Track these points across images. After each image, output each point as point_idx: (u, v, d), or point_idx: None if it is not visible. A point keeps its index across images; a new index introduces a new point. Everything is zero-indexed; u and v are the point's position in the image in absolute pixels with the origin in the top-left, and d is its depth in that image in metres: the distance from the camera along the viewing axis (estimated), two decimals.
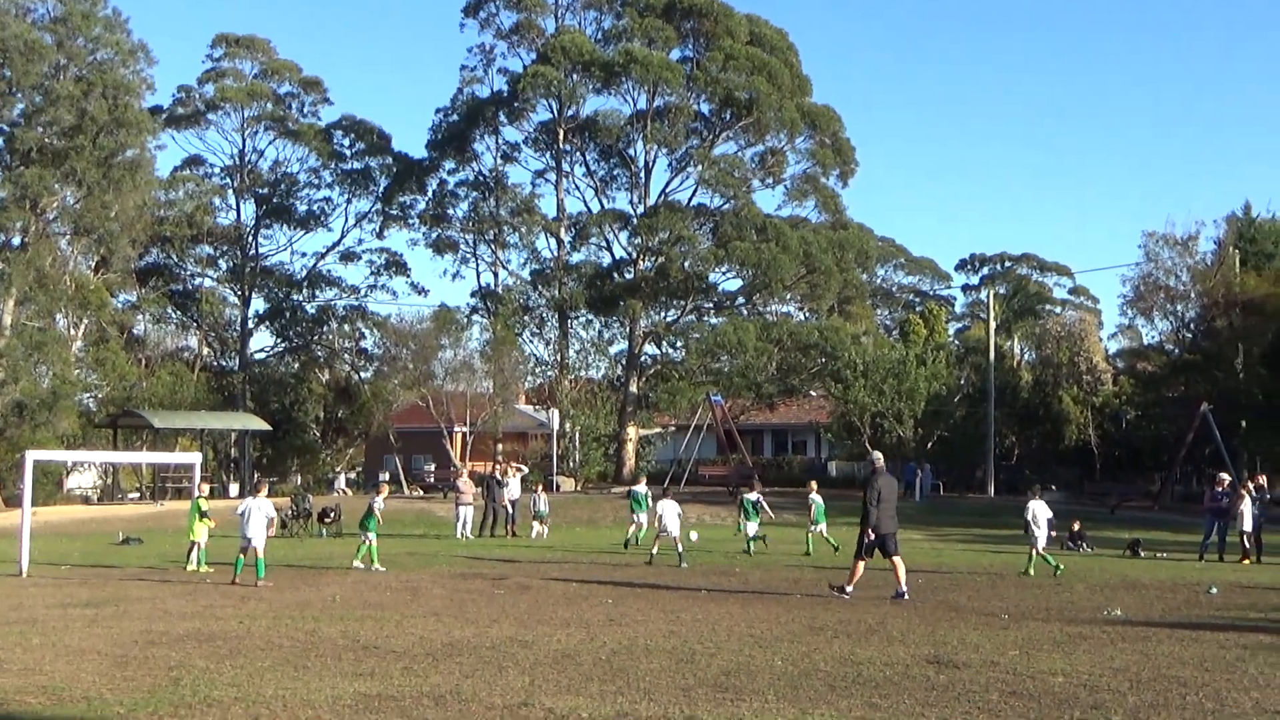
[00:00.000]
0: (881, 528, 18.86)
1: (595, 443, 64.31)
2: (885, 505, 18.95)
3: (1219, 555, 28.21)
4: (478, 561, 25.83)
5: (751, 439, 70.85)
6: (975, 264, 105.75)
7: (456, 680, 11.29)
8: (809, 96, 66.59)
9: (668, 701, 10.20)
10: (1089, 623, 15.61)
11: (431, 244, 70.03)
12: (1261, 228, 60.37)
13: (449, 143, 68.02)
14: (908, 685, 11.02)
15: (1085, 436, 63.07)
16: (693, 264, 63.57)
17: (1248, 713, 9.80)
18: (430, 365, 63.07)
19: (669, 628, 15.00)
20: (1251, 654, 13.00)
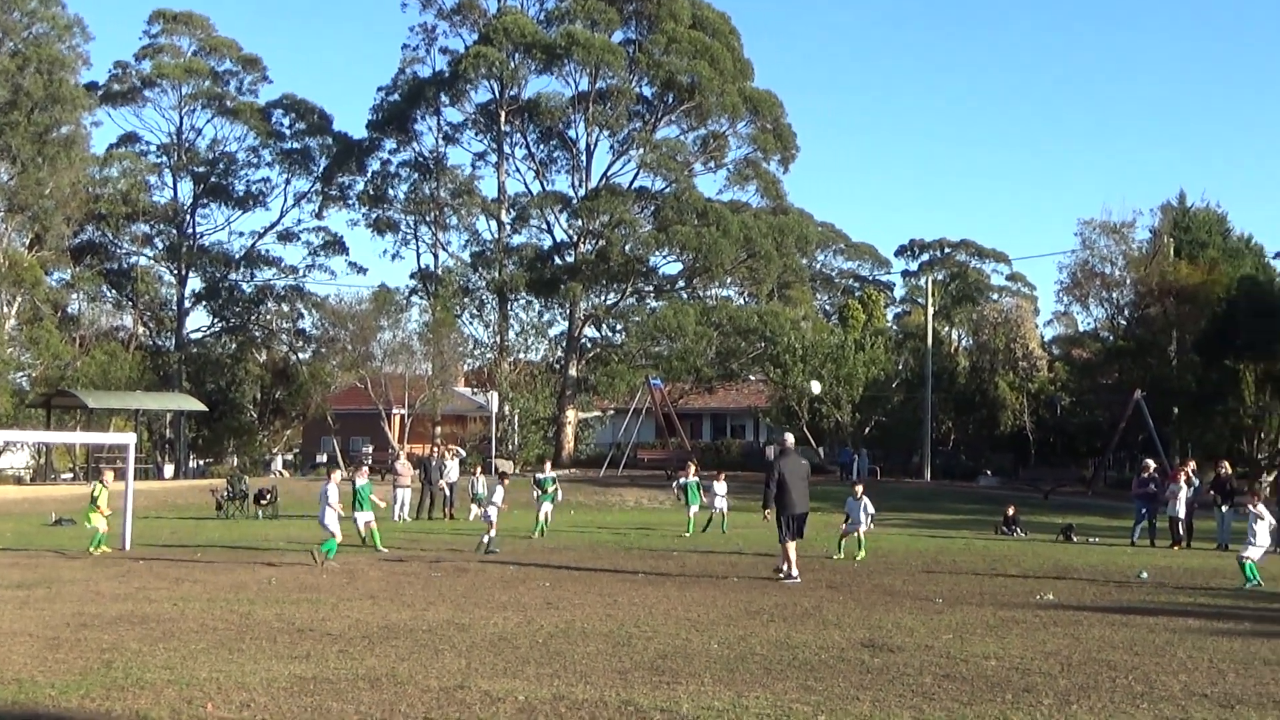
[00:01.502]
0: (791, 508, 18.92)
1: (534, 426, 64.24)
2: (792, 486, 18.96)
3: (1150, 541, 28.56)
4: (415, 544, 25.72)
5: (690, 423, 70.99)
6: (914, 250, 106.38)
7: (392, 663, 11.25)
8: (751, 81, 66.69)
9: (604, 685, 10.21)
10: (1022, 607, 15.75)
11: (371, 224, 69.75)
12: (1195, 217, 61.02)
13: (390, 123, 67.66)
14: (843, 668, 11.08)
15: (1021, 422, 63.64)
16: (633, 247, 63.56)
17: (1175, 695, 9.93)
18: (369, 346, 62.82)
19: (606, 611, 15.01)
20: (1180, 638, 13.17)
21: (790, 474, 19.05)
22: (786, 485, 18.96)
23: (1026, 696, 9.81)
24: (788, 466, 19.13)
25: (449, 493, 36.96)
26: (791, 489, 18.96)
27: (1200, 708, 9.45)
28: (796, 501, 19.00)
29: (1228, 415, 51.29)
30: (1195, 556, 25.17)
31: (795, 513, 18.95)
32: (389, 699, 9.59)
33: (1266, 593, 18.33)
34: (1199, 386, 52.74)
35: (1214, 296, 54.29)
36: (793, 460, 19.28)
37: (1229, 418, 51.35)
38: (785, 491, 18.98)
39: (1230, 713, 9.28)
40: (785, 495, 18.97)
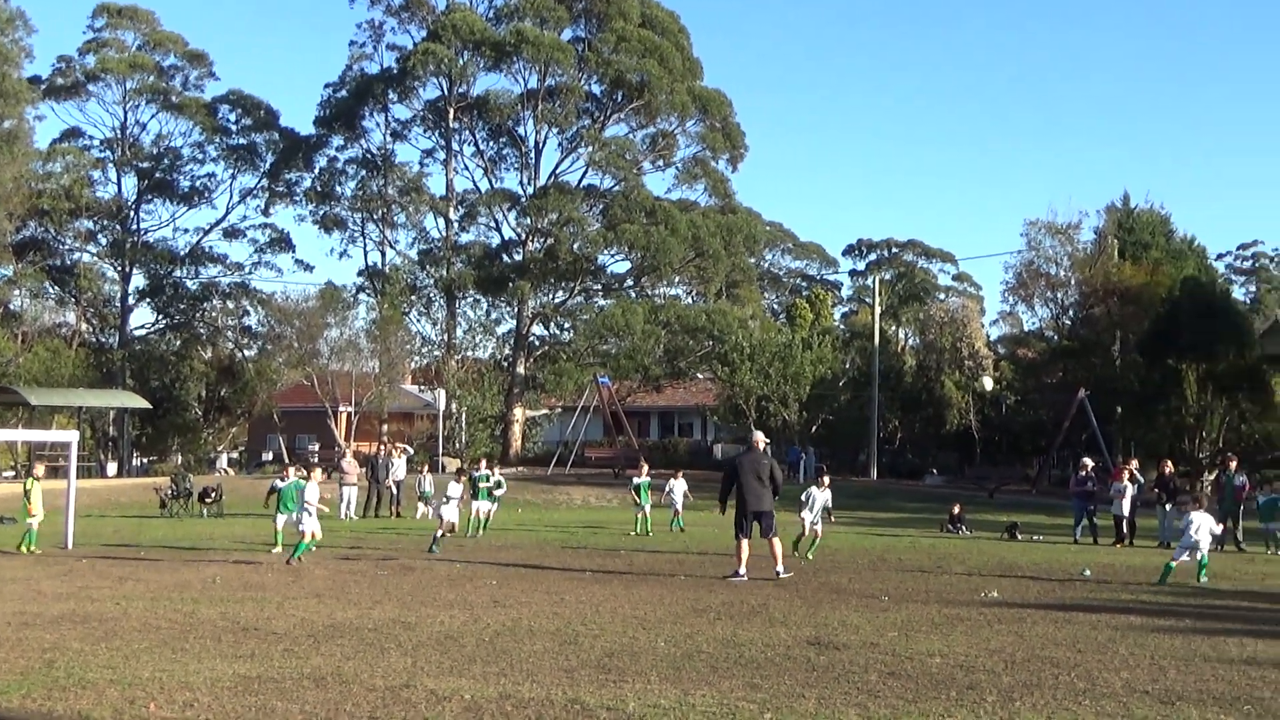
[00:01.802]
0: (744, 506, 18.97)
1: (482, 424, 64.13)
2: (745, 484, 19.02)
3: (1092, 538, 28.86)
4: (361, 542, 25.62)
5: (638, 421, 71.06)
6: (862, 249, 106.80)
7: (338, 662, 11.19)
8: (700, 80, 66.81)
9: (551, 683, 10.19)
10: (966, 605, 15.85)
11: (318, 221, 69.32)
12: (1139, 218, 61.61)
13: (337, 119, 67.34)
14: (789, 666, 11.11)
15: (966, 421, 64.02)
16: (582, 246, 63.52)
17: (1118, 692, 10.02)
18: (316, 344, 62.49)
19: (553, 609, 14.99)
20: (1122, 635, 13.29)
21: (746, 471, 19.09)
22: (741, 483, 19.01)
23: (970, 694, 9.88)
24: (745, 464, 19.20)
25: (396, 491, 36.87)
26: (745, 487, 18.98)
27: (1141, 704, 9.54)
28: (749, 499, 18.99)
29: (1170, 414, 51.79)
30: (1137, 554, 25.42)
31: (749, 510, 18.97)
32: (334, 698, 9.55)
33: (1208, 589, 18.53)
34: (1142, 386, 53.23)
35: (1157, 297, 54.83)
36: (752, 458, 19.28)
37: (1171, 417, 51.85)
38: (740, 489, 19.03)
39: (1171, 709, 9.37)
40: (740, 492, 19.03)
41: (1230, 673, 11.02)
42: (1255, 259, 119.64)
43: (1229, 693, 10.07)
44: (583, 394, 59.12)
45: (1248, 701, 9.69)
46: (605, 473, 53.64)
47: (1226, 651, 12.27)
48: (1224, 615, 15.58)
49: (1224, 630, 13.84)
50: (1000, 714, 9.14)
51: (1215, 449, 49.36)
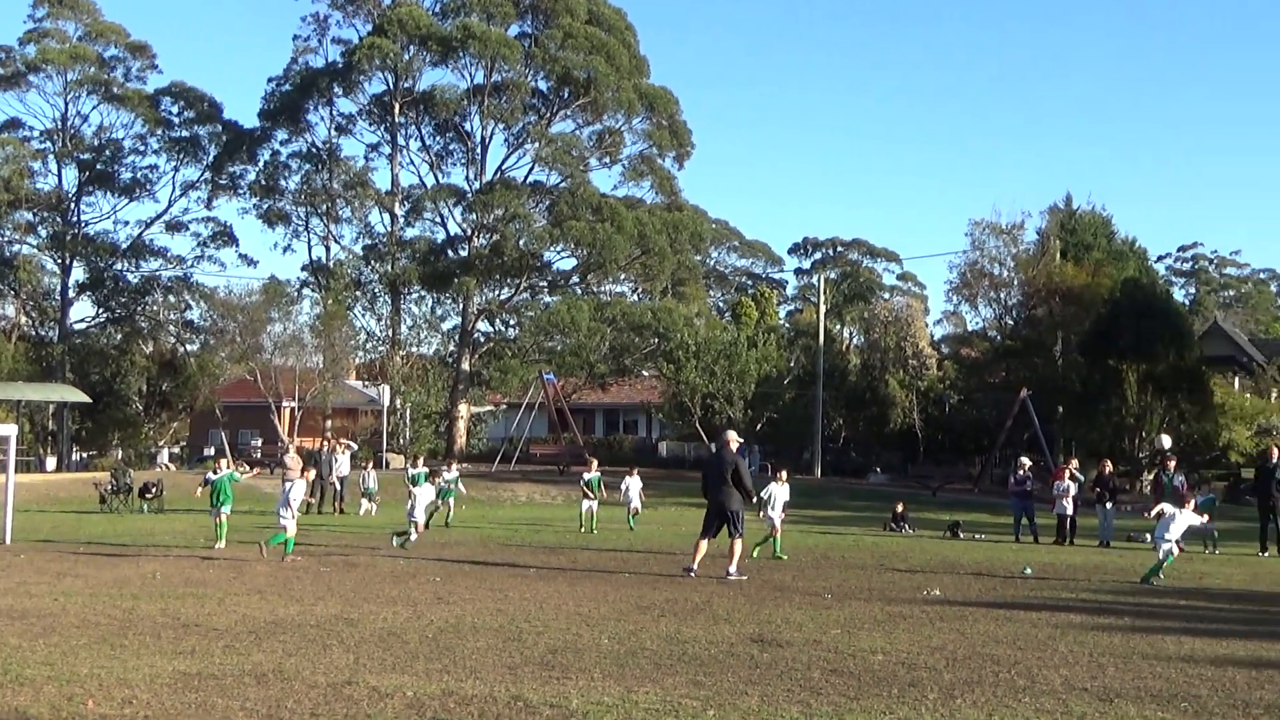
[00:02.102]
0: (714, 504, 19.03)
1: (426, 420, 63.89)
2: (709, 483, 19.12)
3: (1033, 537, 29.11)
4: (304, 538, 25.46)
5: (583, 418, 71.00)
6: (807, 248, 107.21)
7: (279, 658, 11.12)
8: (646, 77, 66.85)
9: (494, 680, 10.17)
10: (909, 602, 15.93)
11: (262, 215, 68.89)
12: (1081, 219, 62.15)
13: (281, 113, 66.92)
14: (732, 663, 11.13)
15: (910, 420, 64.36)
16: (528, 242, 63.43)
17: (1057, 689, 10.10)
18: (259, 339, 62.07)
19: (496, 606, 14.96)
20: (1062, 633, 13.40)
21: (713, 471, 19.29)
22: (709, 482, 19.22)
23: (912, 691, 9.93)
24: (713, 463, 19.46)
25: (339, 487, 36.70)
26: (712, 486, 19.13)
27: (1080, 701, 9.62)
28: (715, 498, 19.09)
29: (1110, 414, 52.23)
30: (1078, 553, 25.65)
31: (714, 509, 19.08)
32: (275, 695, 9.48)
33: (1145, 588, 18.71)
34: (1083, 386, 53.67)
35: (1098, 298, 55.33)
36: (720, 457, 19.41)
37: (1111, 417, 52.30)
38: (708, 488, 19.22)
39: (1109, 706, 9.45)
40: (708, 492, 19.21)
41: (1168, 670, 11.13)
42: (1195, 261, 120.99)
43: (1166, 690, 10.17)
44: (528, 391, 59.05)
45: (1185, 699, 9.79)
46: (550, 470, 53.59)
47: (1164, 649, 12.40)
48: (1162, 613, 15.73)
49: (1162, 628, 13.98)
50: (941, 711, 9.19)
51: (1154, 449, 49.81)
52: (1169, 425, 51.61)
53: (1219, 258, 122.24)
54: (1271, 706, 9.53)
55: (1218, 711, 9.33)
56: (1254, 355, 66.14)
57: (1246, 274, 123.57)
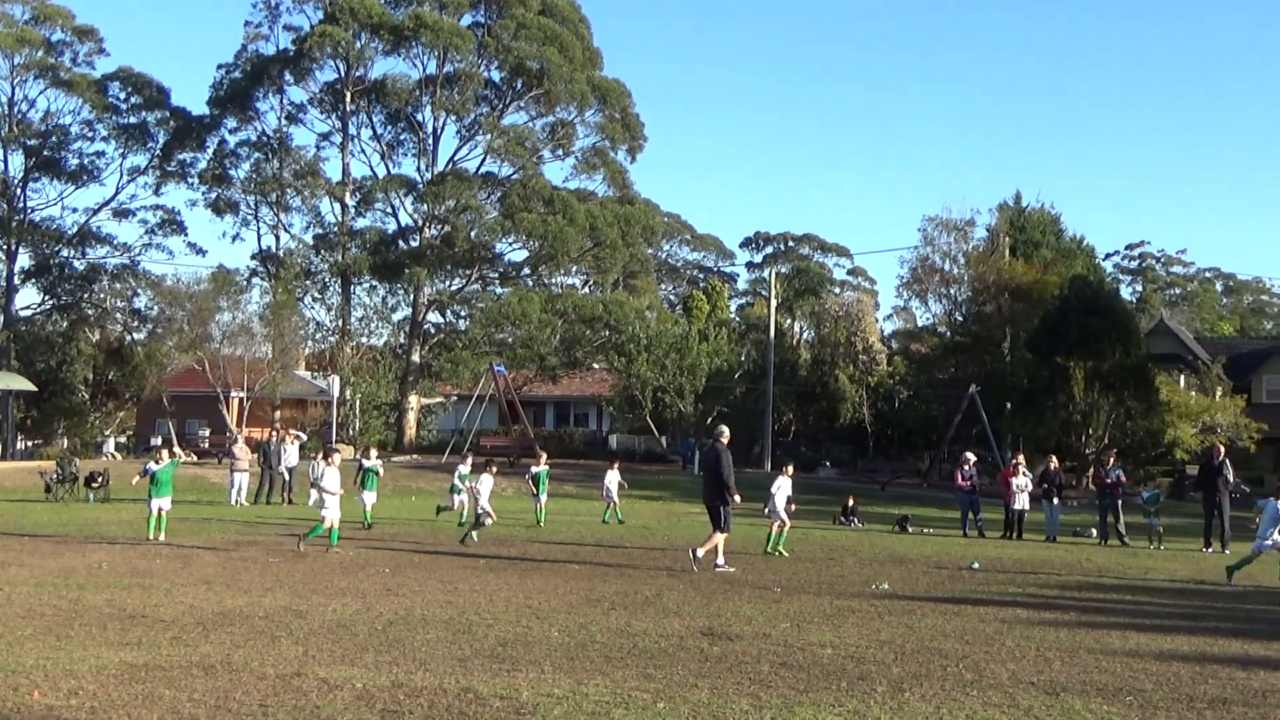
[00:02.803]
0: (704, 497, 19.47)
1: (376, 411, 63.62)
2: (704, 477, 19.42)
3: (979, 532, 29.35)
4: (252, 529, 25.32)
5: (534, 410, 70.93)
6: (759, 242, 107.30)
7: (227, 650, 11.06)
8: (599, 70, 66.78)
9: (444, 672, 10.15)
10: (858, 596, 16.01)
11: (211, 204, 68.28)
12: (1031, 217, 62.56)
13: (231, 100, 66.39)
14: (682, 656, 11.16)
15: (860, 415, 64.62)
16: (479, 233, 63.27)
17: (1004, 683, 10.18)
18: (207, 328, 61.58)
19: (446, 598, 14.93)
20: (1009, 627, 13.50)
21: (702, 465, 19.53)
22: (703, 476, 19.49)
23: (861, 684, 9.98)
24: (701, 458, 19.70)
25: (288, 477, 36.48)
26: (703, 480, 19.50)
27: (1027, 695, 9.70)
28: (704, 491, 19.52)
29: (1057, 411, 52.64)
30: (1025, 548, 25.84)
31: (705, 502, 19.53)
32: (223, 686, 9.43)
33: (1091, 583, 18.87)
34: (1031, 382, 54.05)
35: (1047, 295, 55.71)
36: (707, 452, 19.57)
37: (1059, 413, 52.71)
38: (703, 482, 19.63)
39: (1055, 700, 9.54)
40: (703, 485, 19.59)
41: (1113, 664, 11.24)
42: (1142, 259, 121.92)
43: (1112, 684, 10.27)
44: (478, 382, 58.89)
45: (1130, 693, 9.89)
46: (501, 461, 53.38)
47: (1110, 644, 12.51)
48: (1107, 608, 15.88)
49: (1107, 623, 14.12)
50: (890, 704, 9.24)
51: (1101, 445, 50.26)
52: (1114, 422, 52.11)
53: (1165, 256, 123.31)
54: (1215, 700, 9.64)
55: (1162, 705, 9.43)
56: (1199, 353, 66.80)
57: (1192, 273, 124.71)
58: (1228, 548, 25.93)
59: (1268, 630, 13.95)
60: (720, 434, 19.62)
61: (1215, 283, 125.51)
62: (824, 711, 8.93)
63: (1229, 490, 27.31)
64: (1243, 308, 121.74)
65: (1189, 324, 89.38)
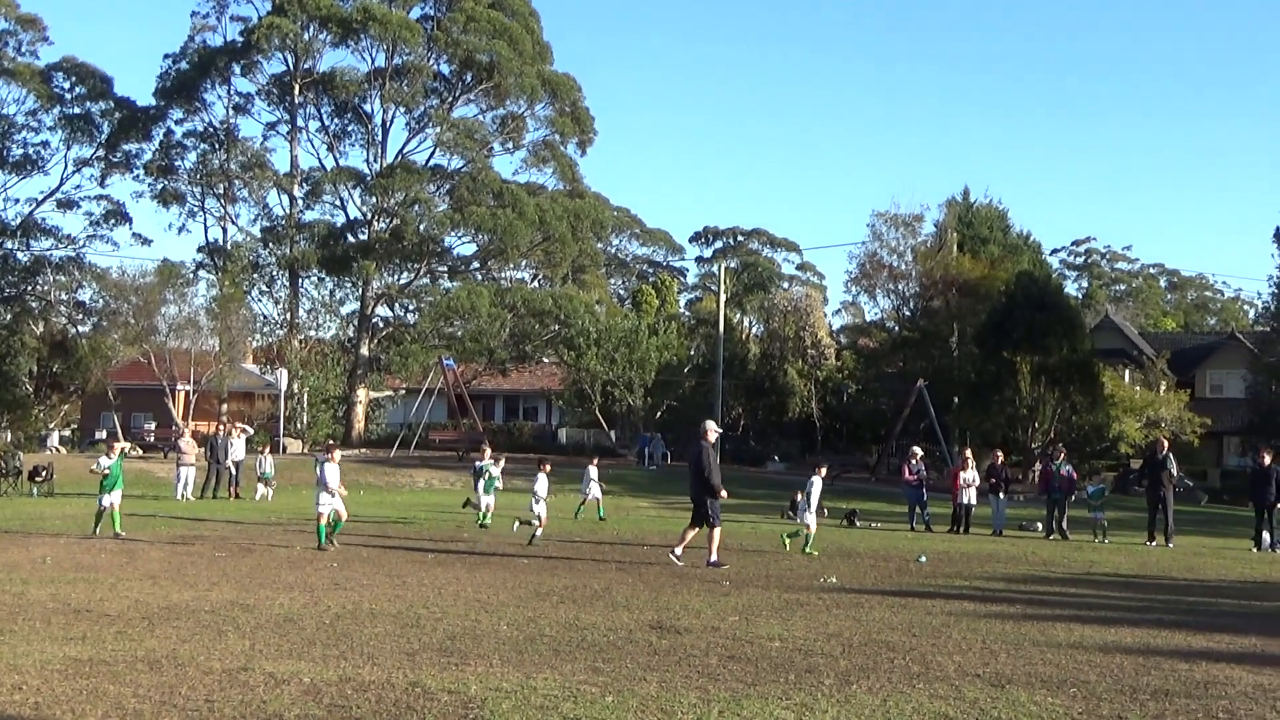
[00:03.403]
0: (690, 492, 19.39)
1: (324, 404, 63.29)
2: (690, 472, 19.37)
3: (926, 525, 29.53)
4: (199, 524, 25.16)
5: (483, 404, 70.80)
6: (708, 237, 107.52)
7: (173, 644, 10.98)
8: (549, 64, 66.70)
9: (392, 666, 10.12)
10: (806, 590, 16.06)
11: (157, 195, 67.70)
12: (978, 213, 62.95)
13: (178, 92, 65.84)
14: (631, 650, 11.17)
15: (808, 409, 64.85)
16: (428, 227, 63.05)
17: (950, 675, 10.24)
18: (153, 320, 61.00)
19: (394, 592, 14.88)
20: (955, 620, 13.58)
21: (690, 460, 19.46)
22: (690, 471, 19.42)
23: (809, 677, 10.02)
24: (691, 453, 19.52)
25: (235, 472, 36.26)
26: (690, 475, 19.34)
27: (973, 687, 9.76)
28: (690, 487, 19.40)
29: (1004, 405, 52.94)
30: (971, 542, 26.00)
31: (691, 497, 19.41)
32: (169, 681, 9.37)
33: (1036, 576, 19.02)
34: (978, 377, 54.36)
35: (994, 291, 56.08)
36: (695, 447, 19.40)
37: (1005, 408, 53.01)
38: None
39: (1000, 692, 9.61)
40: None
41: (1058, 656, 11.34)
42: (1088, 255, 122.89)
43: (1056, 676, 10.36)
44: (427, 376, 58.70)
45: (1074, 684, 9.97)
46: (449, 455, 53.34)
47: (1054, 636, 12.62)
48: (1052, 601, 16.00)
49: (1052, 616, 14.22)
50: (837, 697, 9.29)
51: (1047, 439, 50.63)
52: (1060, 416, 52.50)
53: (1111, 252, 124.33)
54: (1158, 692, 9.73)
55: (1106, 697, 9.51)
56: (1144, 348, 67.47)
57: (1137, 269, 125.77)
58: (1171, 541, 26.23)
59: (1209, 623, 14.11)
60: (706, 430, 19.56)
61: (1160, 278, 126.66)
62: (772, 704, 8.96)
63: (1173, 484, 27.57)
64: (1187, 303, 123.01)
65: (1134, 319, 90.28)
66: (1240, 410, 59.52)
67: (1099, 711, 9.01)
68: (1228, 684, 10.17)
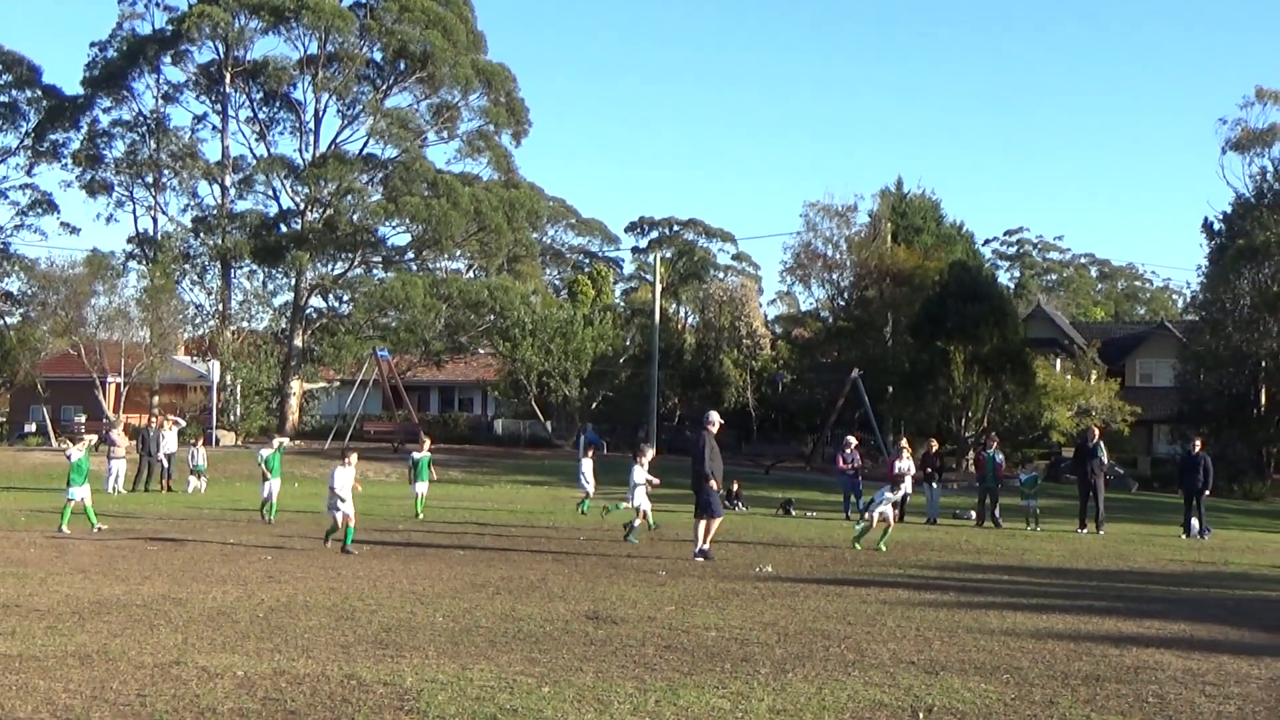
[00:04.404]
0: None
1: (257, 396, 62.76)
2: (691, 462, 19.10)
3: (860, 514, 29.67)
4: (130, 517, 24.91)
5: (418, 395, 70.51)
6: (643, 227, 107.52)
7: (104, 639, 10.87)
8: (484, 54, 66.45)
9: (326, 659, 10.07)
10: (742, 579, 16.12)
11: (85, 185, 66.80)
12: (912, 203, 63.37)
13: (106, 80, 64.99)
14: (567, 640, 11.17)
15: (744, 399, 65.04)
16: (362, 217, 62.65)
17: (885, 663, 10.31)
18: (82, 312, 60.20)
19: (329, 585, 14.80)
20: (890, 608, 13.68)
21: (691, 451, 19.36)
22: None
23: (745, 666, 10.06)
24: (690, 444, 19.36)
25: (167, 464, 35.91)
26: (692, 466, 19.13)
27: (907, 674, 9.83)
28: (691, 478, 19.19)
29: (938, 394, 53.38)
30: (905, 530, 26.12)
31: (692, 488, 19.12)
32: (100, 676, 9.27)
33: (970, 564, 19.18)
34: (912, 366, 54.74)
35: (928, 281, 56.47)
36: (695, 437, 19.25)
37: (939, 397, 53.45)
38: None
39: (935, 679, 9.68)
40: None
41: (991, 643, 11.44)
42: (1020, 245, 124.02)
43: (989, 662, 10.46)
44: (362, 367, 58.35)
45: (1007, 671, 10.07)
46: (384, 447, 53.10)
47: (988, 623, 12.74)
48: (986, 589, 16.15)
49: (986, 603, 14.35)
50: (773, 685, 9.32)
51: (980, 428, 51.07)
52: (993, 405, 52.98)
53: (1043, 242, 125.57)
54: (1089, 677, 9.85)
55: (1038, 682, 9.61)
56: (1075, 338, 68.18)
57: (1068, 259, 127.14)
58: (1102, 528, 26.51)
59: (1140, 609, 14.28)
60: (709, 420, 19.31)
61: (1090, 268, 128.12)
62: (708, 693, 8.99)
63: (1103, 472, 27.87)
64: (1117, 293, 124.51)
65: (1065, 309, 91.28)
66: (1169, 399, 60.29)
67: (1031, 697, 9.11)
68: (1157, 669, 10.30)
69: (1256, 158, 55.29)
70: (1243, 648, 11.59)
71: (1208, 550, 22.84)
